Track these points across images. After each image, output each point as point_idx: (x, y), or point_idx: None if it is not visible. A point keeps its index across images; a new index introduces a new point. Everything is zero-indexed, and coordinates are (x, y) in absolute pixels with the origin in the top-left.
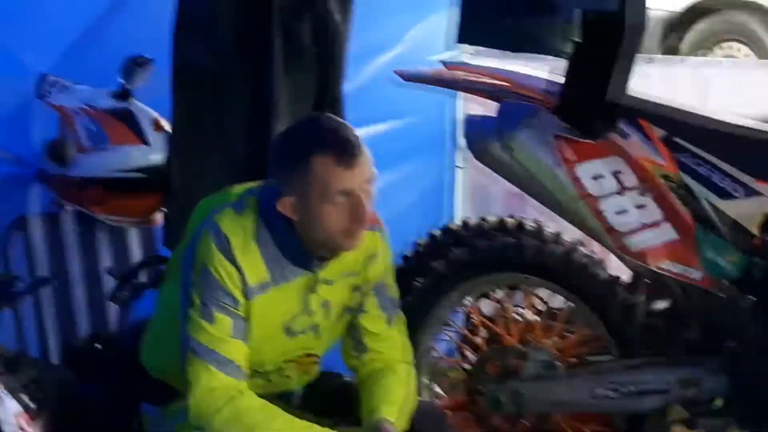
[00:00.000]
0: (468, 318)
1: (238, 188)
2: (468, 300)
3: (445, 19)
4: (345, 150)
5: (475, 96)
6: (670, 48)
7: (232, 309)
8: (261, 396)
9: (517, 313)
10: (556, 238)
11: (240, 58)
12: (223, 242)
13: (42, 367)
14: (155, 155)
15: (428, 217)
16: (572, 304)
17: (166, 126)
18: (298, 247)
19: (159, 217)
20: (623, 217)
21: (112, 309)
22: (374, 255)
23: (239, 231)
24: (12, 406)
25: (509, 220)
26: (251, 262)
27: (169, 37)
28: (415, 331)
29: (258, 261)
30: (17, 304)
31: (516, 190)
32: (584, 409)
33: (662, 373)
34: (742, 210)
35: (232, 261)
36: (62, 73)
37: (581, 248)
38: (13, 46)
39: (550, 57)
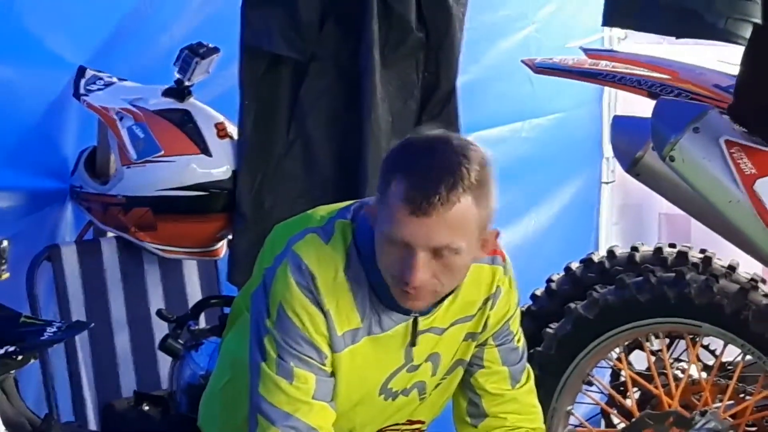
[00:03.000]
0: (616, 375)
1: (324, 210)
2: (615, 352)
3: None
4: (424, 191)
5: (625, 91)
6: None
7: (316, 363)
8: None
9: (679, 369)
10: (729, 272)
11: (326, 42)
12: (307, 279)
13: None
14: (218, 168)
15: (565, 245)
16: (750, 357)
17: (233, 131)
18: None
19: (223, 247)
20: None
21: (163, 361)
22: (495, 294)
23: (327, 265)
24: None
25: (668, 250)
26: (341, 306)
27: (238, 18)
28: (547, 391)
29: (349, 304)
30: (46, 355)
31: (677, 210)
32: None
33: None
34: None
35: (318, 304)
36: (104, 67)
37: (762, 286)
38: (44, 33)
39: (722, 43)
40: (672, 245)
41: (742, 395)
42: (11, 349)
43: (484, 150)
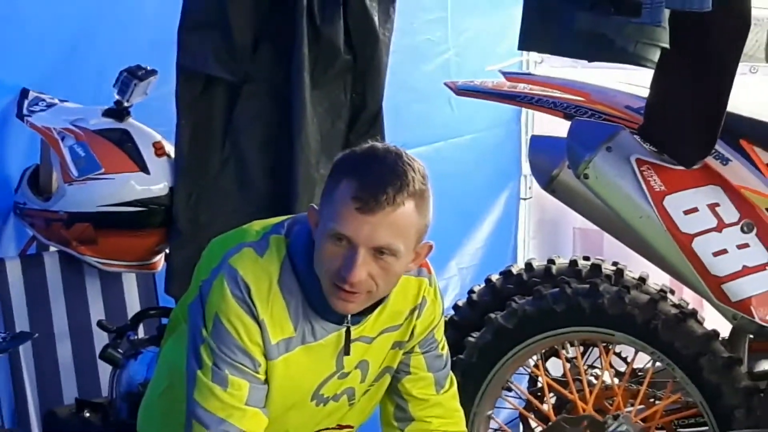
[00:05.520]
0: (533, 381)
1: (259, 225)
2: (533, 359)
3: (507, 20)
4: (372, 190)
5: (541, 112)
6: None
7: (249, 371)
8: None
9: (593, 375)
10: (640, 284)
11: (259, 65)
12: (242, 291)
13: None
14: (156, 185)
15: (485, 258)
16: (659, 364)
17: (170, 150)
18: None
19: (160, 261)
20: (722, 259)
21: (104, 370)
22: (420, 305)
23: (262, 277)
24: None
25: (582, 263)
26: (275, 316)
27: (174, 41)
28: (469, 396)
29: (283, 314)
30: None
31: (591, 225)
32: None
33: None
34: None
35: (252, 314)
36: (46, 89)
37: (670, 296)
38: None
39: (632, 66)
40: (586, 258)
41: (652, 400)
42: None
43: (425, 168)
